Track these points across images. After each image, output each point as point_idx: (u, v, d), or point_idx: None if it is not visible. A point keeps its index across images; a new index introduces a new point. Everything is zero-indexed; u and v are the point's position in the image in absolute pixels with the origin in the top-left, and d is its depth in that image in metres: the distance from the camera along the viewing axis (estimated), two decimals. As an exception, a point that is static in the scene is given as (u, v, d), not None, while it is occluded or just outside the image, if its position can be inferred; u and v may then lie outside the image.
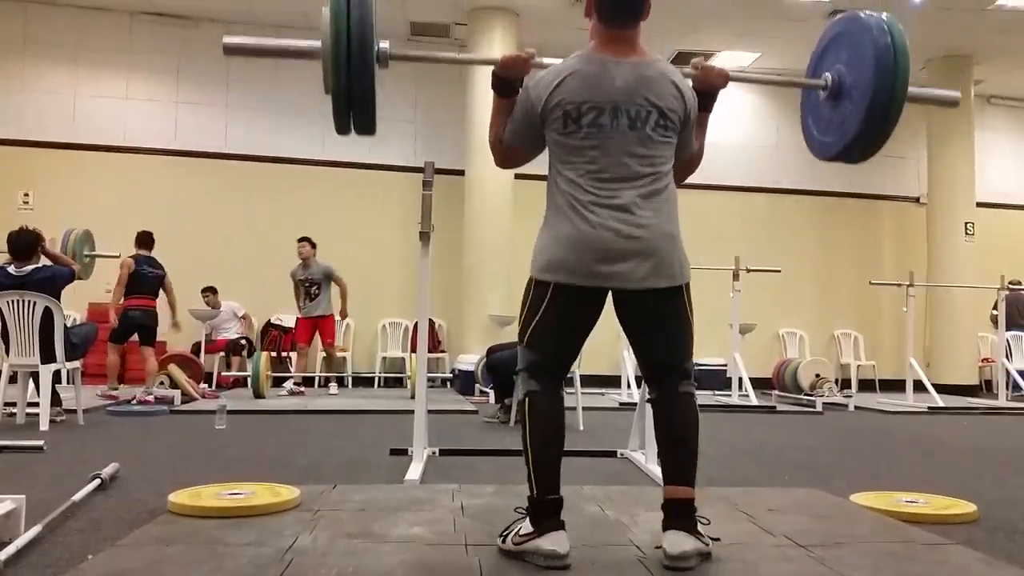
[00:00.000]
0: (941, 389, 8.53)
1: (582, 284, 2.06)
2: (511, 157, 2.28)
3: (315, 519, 2.43)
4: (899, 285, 8.54)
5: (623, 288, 2.07)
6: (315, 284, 7.84)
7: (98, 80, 9.44)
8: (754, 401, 7.57)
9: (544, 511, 2.04)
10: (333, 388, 8.07)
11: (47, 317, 5.08)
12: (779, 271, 8.53)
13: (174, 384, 6.78)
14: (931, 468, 4.16)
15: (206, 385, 7.71)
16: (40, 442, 4.04)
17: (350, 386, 8.94)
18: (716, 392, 8.67)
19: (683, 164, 2.26)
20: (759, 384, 8.24)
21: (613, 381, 8.27)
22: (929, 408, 7.65)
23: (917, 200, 11.12)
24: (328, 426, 5.41)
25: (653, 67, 2.13)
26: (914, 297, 8.40)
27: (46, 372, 5.02)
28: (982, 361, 10.52)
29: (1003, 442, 5.42)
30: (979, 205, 10.43)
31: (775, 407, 7.58)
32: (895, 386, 9.59)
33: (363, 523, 2.40)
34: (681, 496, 2.06)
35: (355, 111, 2.21)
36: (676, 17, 9.07)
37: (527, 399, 2.14)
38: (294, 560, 2.00)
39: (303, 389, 7.98)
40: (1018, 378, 8.44)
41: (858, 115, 2.38)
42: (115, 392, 6.66)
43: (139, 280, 6.53)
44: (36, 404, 5.02)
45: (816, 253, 10.87)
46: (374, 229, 9.41)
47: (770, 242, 10.28)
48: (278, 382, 8.78)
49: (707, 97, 2.27)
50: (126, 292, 6.52)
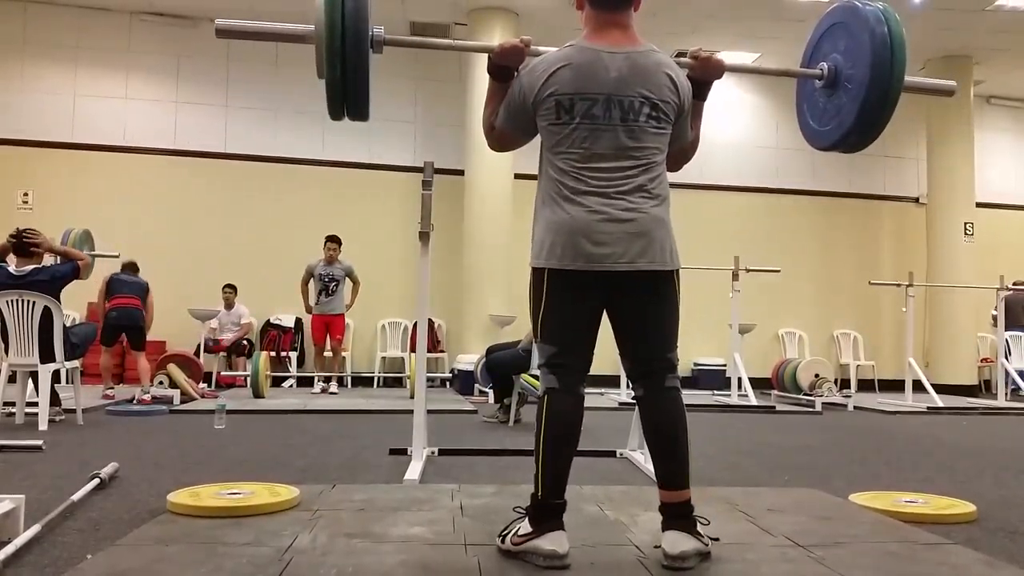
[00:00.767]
0: (940, 389, 8.53)
1: (574, 268, 2.06)
2: (503, 141, 2.29)
3: (314, 519, 2.43)
4: (899, 285, 8.54)
5: (614, 271, 2.06)
6: (335, 281, 7.87)
7: (98, 80, 9.44)
8: (753, 401, 7.57)
9: (546, 513, 2.04)
10: (333, 387, 8.07)
11: (46, 317, 5.08)
12: (778, 271, 8.53)
13: (173, 384, 6.78)
14: (930, 468, 4.16)
15: (205, 385, 7.71)
16: (39, 442, 4.04)
17: (349, 386, 8.94)
18: (715, 392, 8.68)
19: (679, 152, 2.26)
20: (758, 384, 8.24)
21: (612, 381, 8.26)
22: (928, 408, 7.65)
23: (917, 200, 11.13)
24: (327, 426, 5.40)
25: (648, 57, 2.12)
26: (913, 297, 8.40)
27: (45, 372, 5.02)
28: (981, 361, 10.52)
29: (1002, 442, 5.42)
30: (979, 205, 10.44)
31: (774, 407, 7.58)
32: (894, 386, 9.60)
33: (362, 523, 2.39)
34: (678, 500, 2.06)
35: (348, 97, 2.19)
36: (676, 17, 9.07)
37: (545, 396, 2.12)
38: (293, 560, 2.00)
39: (333, 388, 8.05)
40: (1017, 378, 8.44)
41: (854, 104, 2.37)
42: (111, 391, 6.70)
43: (115, 284, 6.87)
44: (35, 404, 5.01)
45: (816, 253, 10.87)
46: (374, 229, 9.41)
47: (769, 242, 10.28)
48: (277, 382, 8.79)
49: (703, 86, 2.27)
50: (107, 297, 6.85)
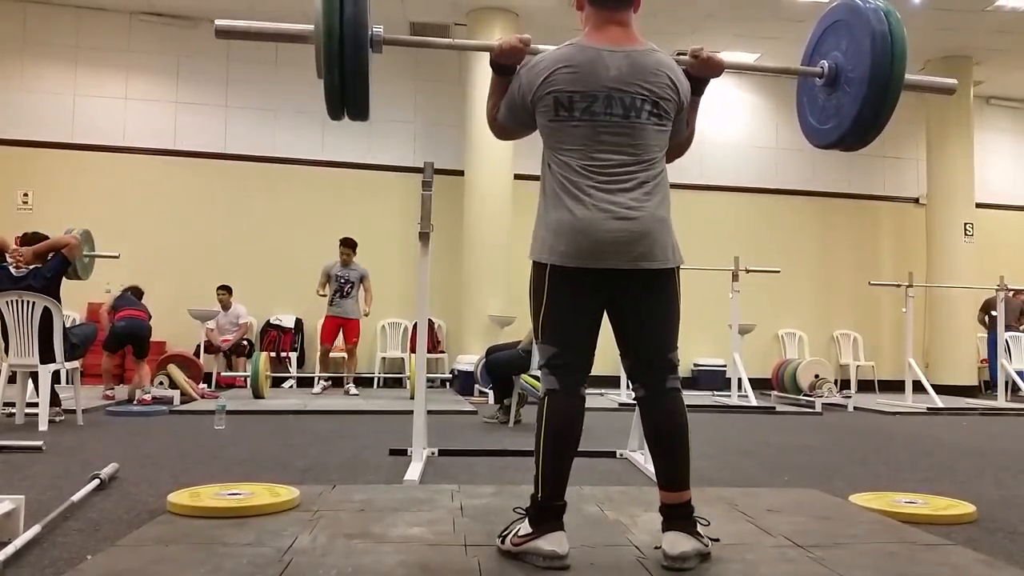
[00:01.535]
0: (940, 390, 8.53)
1: (576, 265, 2.07)
2: (505, 133, 2.32)
3: (314, 519, 2.43)
4: (898, 286, 8.54)
5: (616, 268, 2.07)
6: (351, 283, 7.99)
7: (98, 80, 9.44)
8: (753, 402, 7.57)
9: (546, 513, 2.04)
10: (352, 388, 8.10)
11: (46, 317, 5.08)
12: (778, 272, 8.53)
13: (173, 384, 6.78)
14: (930, 469, 4.16)
15: (205, 385, 7.71)
16: (39, 442, 4.04)
17: (344, 383, 8.91)
18: (715, 392, 8.68)
19: (675, 146, 2.26)
20: (758, 385, 8.24)
21: (612, 382, 8.26)
22: (928, 409, 7.65)
23: (916, 201, 11.13)
24: (327, 426, 5.40)
25: (649, 56, 2.13)
26: (913, 298, 8.40)
27: (45, 372, 5.01)
28: (981, 362, 10.51)
29: (1002, 443, 5.42)
30: (978, 206, 10.44)
31: (774, 408, 7.58)
32: (894, 387, 9.60)
33: (362, 523, 2.40)
34: (678, 500, 2.06)
35: (348, 98, 2.18)
36: (676, 17, 9.08)
37: (545, 397, 2.12)
38: (293, 560, 2.00)
39: (354, 390, 8.10)
40: (1017, 379, 8.44)
41: (855, 103, 2.37)
42: (111, 392, 6.72)
43: (122, 300, 6.96)
44: (35, 404, 5.02)
45: (815, 254, 10.87)
46: (374, 229, 9.40)
47: (769, 243, 10.28)
48: (277, 382, 8.79)
49: (700, 83, 2.28)
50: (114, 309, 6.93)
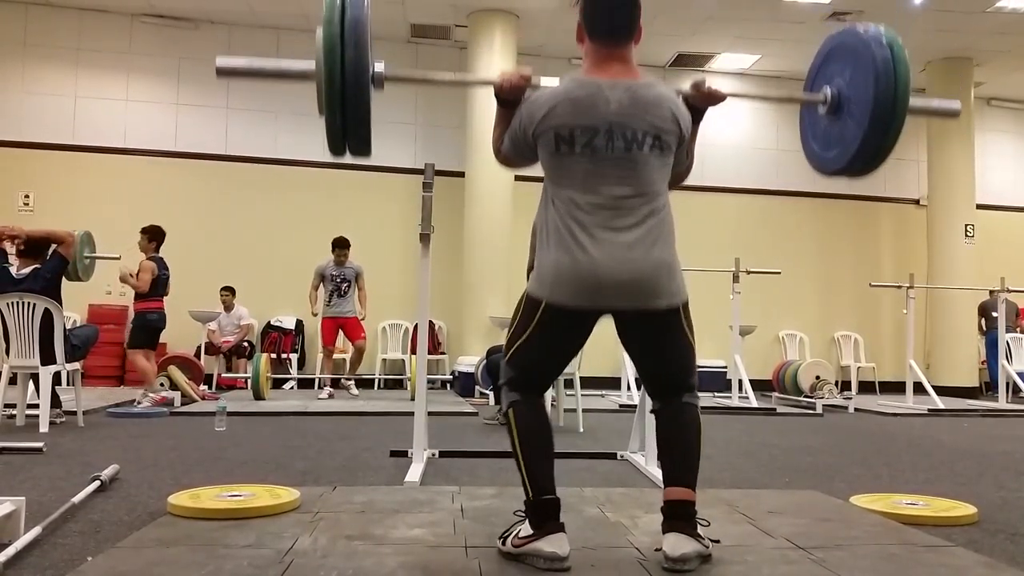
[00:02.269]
0: (941, 391, 8.53)
1: (575, 305, 2.07)
2: (509, 164, 2.33)
3: (315, 521, 2.43)
4: (899, 287, 8.54)
5: (620, 309, 2.09)
6: (346, 282, 7.83)
7: (98, 82, 9.45)
8: (754, 403, 7.56)
9: (542, 513, 2.04)
10: (354, 389, 8.01)
11: (47, 319, 5.08)
12: (779, 273, 8.53)
13: (174, 386, 6.79)
14: (931, 470, 4.16)
15: (206, 387, 7.71)
16: (40, 444, 4.04)
17: (344, 382, 8.92)
18: (716, 394, 8.67)
19: (676, 175, 2.25)
20: (759, 386, 8.23)
21: (613, 383, 8.26)
22: (929, 410, 7.64)
23: (917, 202, 11.13)
24: (328, 428, 5.40)
25: (649, 90, 2.12)
26: (914, 299, 8.40)
27: (46, 374, 5.02)
28: (982, 363, 10.51)
29: (1003, 444, 5.41)
30: (979, 207, 10.44)
31: (775, 409, 7.58)
32: (895, 388, 9.60)
33: (363, 525, 2.39)
34: (681, 497, 2.06)
35: (350, 135, 2.16)
36: (676, 19, 9.08)
37: (511, 409, 2.16)
38: (294, 562, 2.00)
39: (354, 390, 8.00)
40: (1018, 380, 8.44)
41: (859, 130, 2.34)
42: (166, 395, 6.46)
43: (159, 284, 6.40)
44: (36, 406, 5.02)
45: (816, 255, 10.87)
46: (374, 231, 9.41)
47: (770, 244, 10.28)
48: (278, 384, 8.78)
49: (700, 112, 2.27)
50: (149, 294, 6.34)
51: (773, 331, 10.54)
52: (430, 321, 6.18)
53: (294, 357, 9.30)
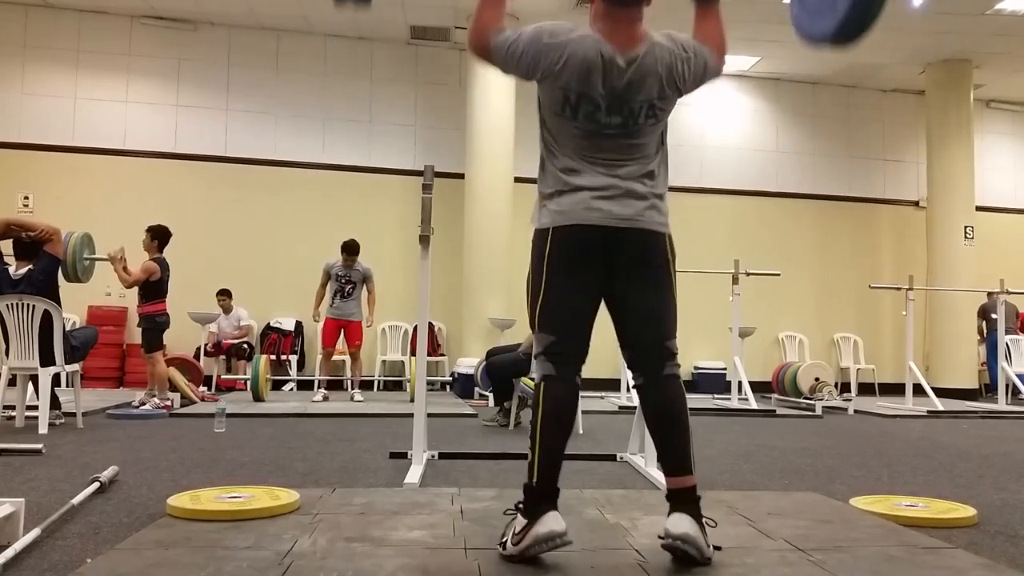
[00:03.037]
0: (940, 393, 8.53)
1: (581, 221, 2.10)
2: (490, 61, 2.22)
3: (314, 523, 2.43)
4: (898, 289, 8.55)
5: (616, 227, 2.10)
6: (352, 283, 7.59)
7: (98, 83, 9.45)
8: (754, 405, 7.56)
9: (538, 498, 2.05)
10: (358, 395, 7.73)
11: (47, 320, 5.08)
12: (778, 275, 8.54)
13: (174, 387, 6.78)
14: (931, 472, 4.16)
15: (205, 388, 7.71)
16: (39, 445, 4.04)
17: (349, 389, 8.92)
18: (716, 396, 8.68)
19: (712, 69, 2.30)
20: (759, 388, 8.24)
21: (612, 385, 8.26)
22: (928, 412, 7.65)
23: (916, 204, 11.14)
24: (327, 429, 5.40)
25: (656, 56, 2.15)
26: (913, 301, 8.40)
27: (45, 375, 5.02)
28: (981, 365, 10.52)
29: (1003, 446, 5.41)
30: (978, 209, 10.44)
31: (775, 411, 7.58)
32: (895, 390, 9.60)
33: (362, 527, 2.39)
34: (683, 485, 2.09)
35: None
36: (674, 21, 9.04)
37: (542, 383, 2.14)
38: (293, 564, 1.99)
39: (359, 396, 7.69)
40: (1017, 382, 8.44)
41: None
42: (169, 403, 6.35)
43: (160, 285, 6.34)
44: (35, 407, 5.01)
45: (816, 257, 10.88)
46: (374, 232, 9.41)
47: (769, 246, 10.29)
48: (278, 385, 8.77)
49: None
50: (153, 297, 6.29)
51: (773, 333, 10.54)
52: (430, 323, 6.18)
53: (293, 359, 9.30)
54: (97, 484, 2.99)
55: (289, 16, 9.29)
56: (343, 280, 7.59)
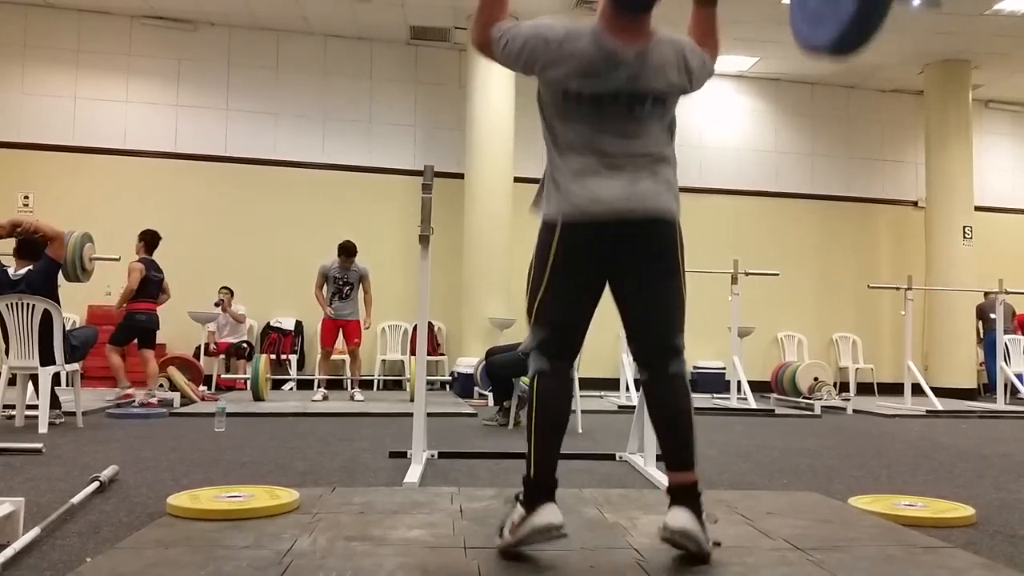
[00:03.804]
0: (939, 392, 8.54)
1: (588, 214, 2.08)
2: (491, 55, 2.23)
3: (314, 522, 2.43)
4: (897, 288, 8.56)
5: (624, 220, 2.08)
6: (350, 284, 7.62)
7: (99, 83, 9.46)
8: (753, 404, 7.57)
9: (537, 492, 2.06)
10: (359, 395, 7.73)
11: (46, 319, 5.08)
12: (778, 274, 8.54)
13: (173, 387, 6.79)
14: (930, 471, 4.16)
15: (205, 388, 7.71)
16: (39, 444, 4.04)
17: (349, 388, 8.93)
18: (715, 395, 8.68)
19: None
20: (758, 387, 8.25)
21: (612, 384, 8.27)
22: (927, 411, 7.65)
23: (915, 204, 11.15)
24: (327, 429, 5.40)
25: (661, 52, 2.15)
26: (912, 300, 8.41)
27: (45, 374, 5.02)
28: (980, 364, 10.52)
29: (1002, 446, 5.42)
30: (977, 209, 10.45)
31: (774, 410, 7.58)
32: (893, 389, 9.61)
33: (362, 526, 2.40)
34: (684, 481, 2.09)
35: None
36: (674, 21, 9.06)
37: (535, 378, 2.15)
38: (293, 563, 2.00)
39: (359, 396, 7.70)
40: (1016, 381, 8.44)
41: None
42: (130, 391, 6.59)
43: (146, 284, 6.63)
44: (35, 407, 5.02)
45: (815, 257, 10.89)
46: (374, 232, 9.42)
47: (769, 245, 10.30)
48: (277, 385, 8.77)
49: None
50: (138, 295, 6.55)
51: (772, 332, 10.55)
52: (429, 322, 6.18)
53: (293, 358, 9.30)
54: (97, 483, 2.99)
55: (289, 16, 9.29)
56: (340, 282, 7.61)
